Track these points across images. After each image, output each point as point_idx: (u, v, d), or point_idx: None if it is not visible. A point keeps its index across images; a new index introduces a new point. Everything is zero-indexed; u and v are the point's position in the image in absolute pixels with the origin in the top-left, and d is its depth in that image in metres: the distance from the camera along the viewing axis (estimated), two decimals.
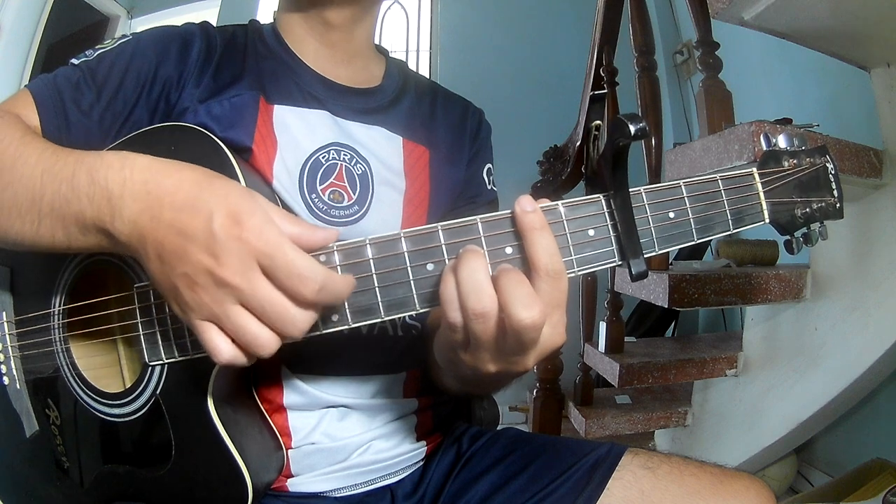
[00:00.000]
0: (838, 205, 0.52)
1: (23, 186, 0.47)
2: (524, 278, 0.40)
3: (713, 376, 1.58)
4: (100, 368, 0.60)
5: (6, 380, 0.63)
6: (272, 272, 0.40)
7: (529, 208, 0.42)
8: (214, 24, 0.67)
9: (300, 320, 0.40)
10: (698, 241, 0.48)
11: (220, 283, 0.40)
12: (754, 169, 0.50)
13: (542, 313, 0.39)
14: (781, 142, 0.53)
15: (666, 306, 1.37)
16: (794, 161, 0.51)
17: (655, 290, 1.40)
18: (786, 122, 1.23)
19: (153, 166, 0.43)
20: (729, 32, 1.32)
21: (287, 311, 0.40)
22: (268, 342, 0.41)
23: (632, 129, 0.41)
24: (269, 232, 0.40)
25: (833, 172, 0.53)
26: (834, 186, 0.53)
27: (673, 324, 2.55)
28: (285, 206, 0.60)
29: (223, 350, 0.41)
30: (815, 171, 0.52)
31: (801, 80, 1.91)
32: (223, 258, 0.39)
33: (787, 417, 1.42)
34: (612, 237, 0.45)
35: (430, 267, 0.43)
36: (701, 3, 1.43)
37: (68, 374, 0.59)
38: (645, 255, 0.45)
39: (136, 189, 0.42)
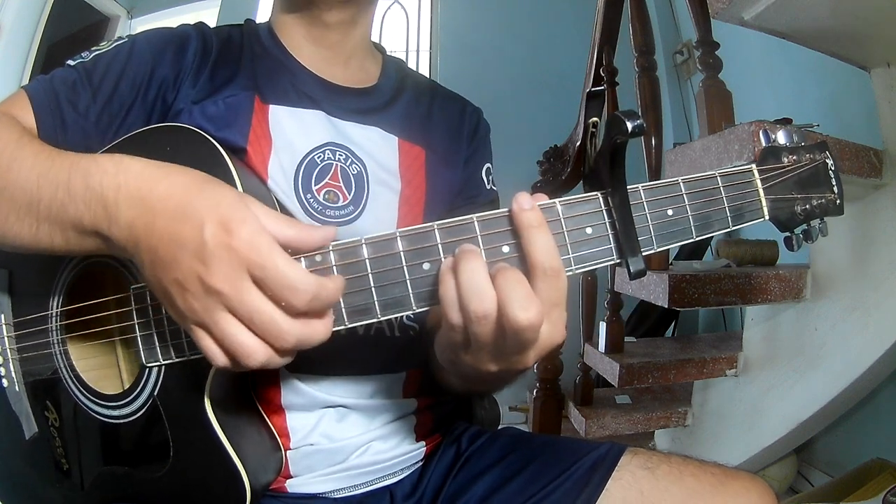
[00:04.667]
0: (838, 201, 0.52)
1: (20, 190, 0.47)
2: (522, 277, 0.40)
3: (713, 376, 1.58)
4: (98, 370, 0.60)
5: (5, 382, 0.63)
6: (263, 282, 0.39)
7: (527, 206, 0.41)
8: (214, 25, 0.67)
9: (288, 331, 0.40)
10: (697, 239, 0.47)
11: (209, 291, 0.39)
12: (753, 165, 0.50)
13: (539, 313, 0.39)
14: (780, 138, 0.52)
15: (666, 306, 1.37)
16: (794, 157, 0.51)
17: (655, 290, 1.40)
18: (786, 122, 1.22)
19: (146, 172, 0.43)
20: (729, 32, 1.32)
21: (274, 321, 0.40)
22: (254, 351, 0.40)
23: (629, 125, 0.40)
24: (259, 241, 0.39)
25: (833, 168, 0.52)
26: (834, 182, 0.52)
27: (673, 324, 2.55)
28: (281, 207, 0.60)
29: (218, 356, 0.41)
30: (814, 167, 0.51)
31: (801, 80, 1.91)
32: (213, 266, 0.39)
33: (787, 417, 1.42)
34: (610, 235, 0.44)
35: (426, 266, 0.43)
36: (701, 3, 1.43)
37: (66, 376, 0.59)
38: (643, 253, 0.44)
39: (131, 195, 0.42)
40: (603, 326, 1.70)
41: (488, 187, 0.75)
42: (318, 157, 0.62)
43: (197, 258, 0.39)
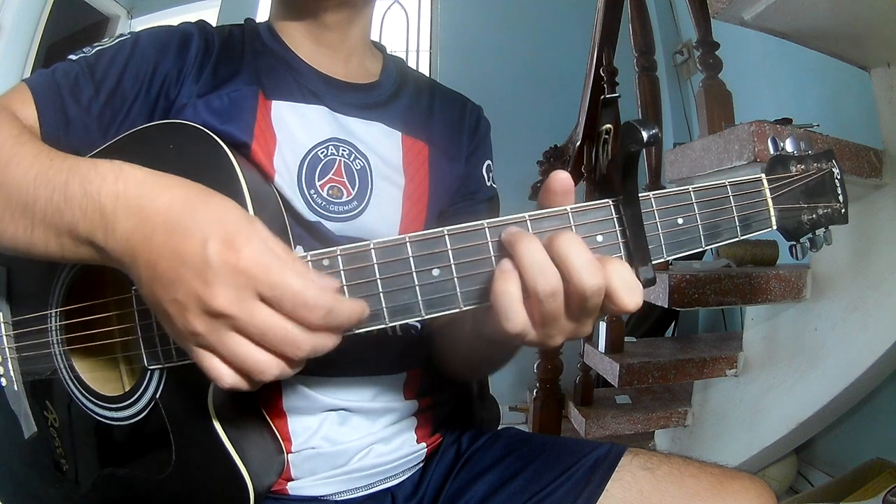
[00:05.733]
0: (843, 210, 0.52)
1: (16, 189, 0.45)
2: (579, 240, 0.40)
3: (713, 376, 1.58)
4: (98, 371, 0.59)
5: (4, 381, 0.62)
6: (276, 301, 0.38)
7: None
8: (214, 25, 0.67)
9: (304, 342, 0.39)
10: (705, 248, 0.47)
11: (212, 313, 0.38)
12: (763, 175, 0.50)
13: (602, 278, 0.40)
14: (788, 145, 0.52)
15: (666, 306, 1.37)
16: (802, 166, 0.51)
17: (655, 290, 1.40)
18: (786, 122, 1.23)
19: (147, 181, 0.42)
20: (729, 32, 1.32)
21: (289, 334, 0.38)
22: (269, 367, 0.39)
23: (644, 134, 0.40)
24: (268, 260, 0.38)
25: (839, 177, 0.52)
26: (840, 191, 0.52)
27: (673, 324, 2.55)
28: (286, 202, 0.60)
29: (225, 376, 0.40)
30: (821, 177, 0.51)
31: (801, 80, 1.91)
32: (216, 287, 0.37)
33: (787, 417, 1.42)
34: (621, 243, 0.44)
35: (435, 272, 0.42)
36: (701, 3, 1.43)
37: (66, 377, 0.59)
38: (653, 262, 0.44)
39: (130, 205, 0.41)
40: (603, 326, 1.70)
41: (488, 184, 0.75)
42: (322, 153, 0.62)
43: (199, 277, 0.38)
